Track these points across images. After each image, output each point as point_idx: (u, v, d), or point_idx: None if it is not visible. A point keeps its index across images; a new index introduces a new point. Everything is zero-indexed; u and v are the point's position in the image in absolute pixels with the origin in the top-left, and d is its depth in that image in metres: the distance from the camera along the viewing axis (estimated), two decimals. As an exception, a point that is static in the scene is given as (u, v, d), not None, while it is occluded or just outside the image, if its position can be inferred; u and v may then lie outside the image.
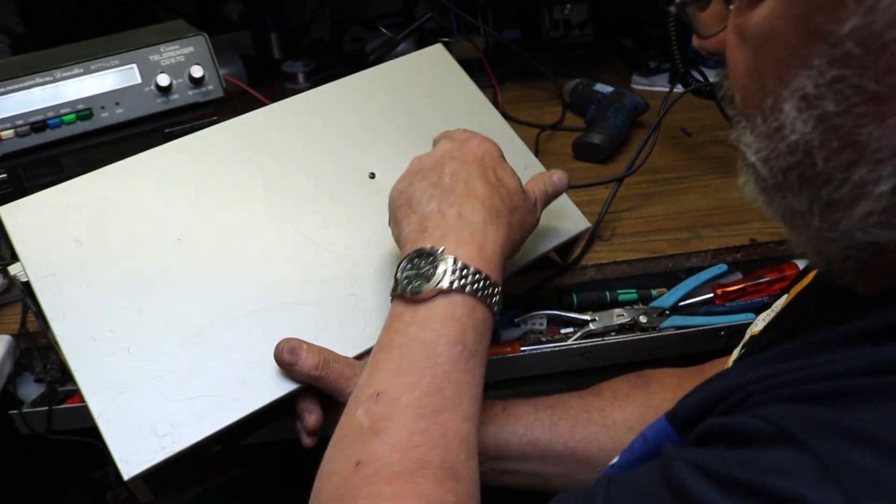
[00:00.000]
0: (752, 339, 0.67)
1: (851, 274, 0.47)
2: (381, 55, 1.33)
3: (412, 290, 0.61)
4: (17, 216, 0.71)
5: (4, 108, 0.91)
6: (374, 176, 0.80)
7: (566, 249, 0.89)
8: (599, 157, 1.12)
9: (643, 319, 0.93)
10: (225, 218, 0.74)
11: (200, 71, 0.99)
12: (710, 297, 0.95)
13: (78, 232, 0.71)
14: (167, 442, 0.62)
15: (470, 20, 1.32)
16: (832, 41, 0.38)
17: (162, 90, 0.97)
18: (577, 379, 0.96)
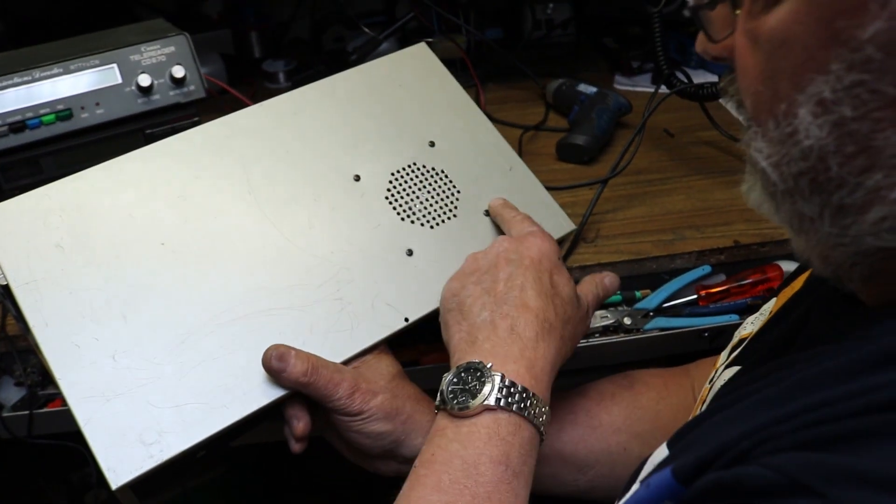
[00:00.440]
0: (741, 342, 0.67)
1: (858, 280, 0.47)
2: (363, 55, 1.32)
3: (458, 405, 0.60)
4: None
5: (-19, 108, 0.90)
6: (358, 178, 0.79)
7: (551, 251, 0.89)
8: (583, 158, 1.13)
9: (627, 321, 0.93)
10: (209, 221, 0.73)
11: (182, 71, 0.98)
12: (693, 298, 0.95)
13: (59, 237, 0.70)
14: (155, 450, 0.61)
15: (452, 19, 1.31)
16: (852, 45, 0.38)
17: (143, 90, 0.96)
18: (561, 380, 0.96)
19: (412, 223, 0.78)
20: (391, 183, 0.80)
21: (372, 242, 0.75)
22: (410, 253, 0.76)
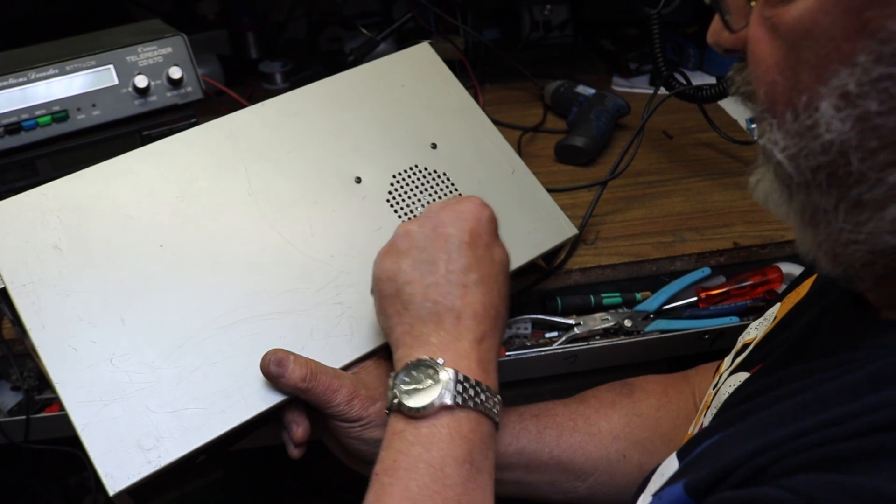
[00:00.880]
0: (745, 348, 0.67)
1: (869, 280, 0.46)
2: (360, 56, 1.31)
3: (413, 406, 0.57)
4: None
5: (-23, 109, 0.89)
6: (360, 180, 0.79)
7: (551, 254, 0.89)
8: (582, 160, 1.12)
9: (628, 323, 0.93)
10: (208, 223, 0.73)
11: (179, 72, 0.97)
12: (693, 300, 0.95)
13: (56, 238, 0.69)
14: (153, 456, 0.61)
15: (449, 20, 1.31)
16: (882, 37, 0.37)
17: (140, 91, 0.96)
18: (561, 383, 0.97)
19: (413, 226, 0.77)
20: (392, 185, 0.79)
21: (373, 245, 0.74)
22: (411, 256, 0.76)
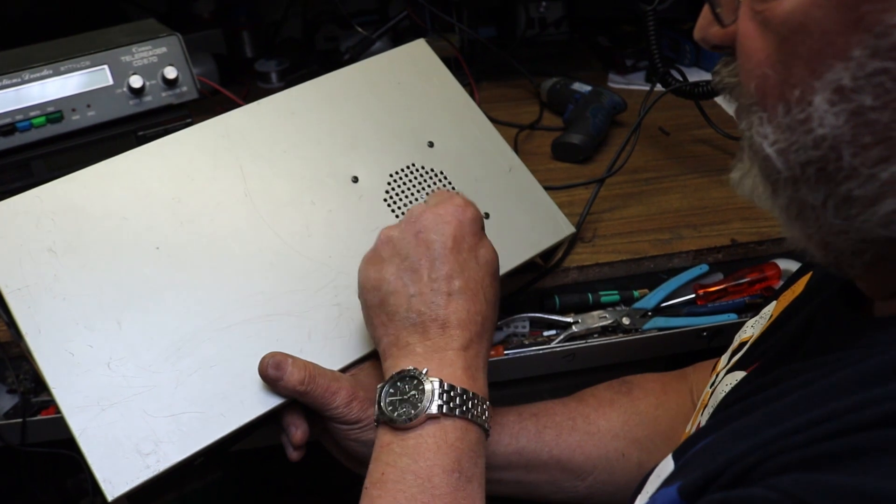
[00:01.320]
0: (742, 346, 0.67)
1: (860, 267, 0.46)
2: (356, 54, 1.31)
3: (399, 417, 0.57)
4: None
5: (-30, 111, 0.89)
6: (356, 179, 0.78)
7: (549, 252, 0.89)
8: (579, 157, 1.12)
9: (626, 321, 0.93)
10: (205, 224, 0.72)
11: (174, 72, 0.96)
12: (691, 297, 0.95)
13: (51, 241, 0.68)
14: (151, 461, 0.60)
15: (445, 18, 1.30)
16: (878, 31, 0.37)
17: (134, 92, 0.95)
18: (559, 381, 0.96)
19: (410, 225, 0.77)
20: (389, 184, 0.79)
21: (371, 246, 0.74)
22: (408, 256, 0.75)
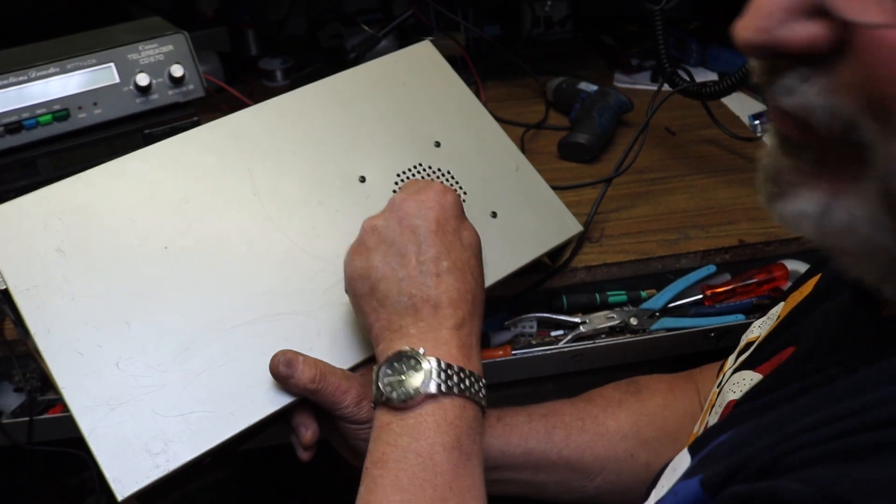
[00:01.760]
0: (749, 346, 0.66)
1: None
2: (361, 52, 1.30)
3: (398, 397, 0.58)
4: None
5: (-23, 109, 0.88)
6: (364, 179, 0.78)
7: (556, 252, 0.89)
8: (585, 157, 1.12)
9: (633, 321, 0.93)
10: (213, 224, 0.72)
11: (181, 70, 0.96)
12: (699, 298, 0.95)
13: (59, 240, 0.68)
14: (161, 460, 0.60)
15: (450, 16, 1.30)
16: None
17: (141, 90, 0.95)
18: (567, 381, 0.96)
19: (418, 225, 0.77)
20: (397, 184, 0.78)
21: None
22: (417, 255, 0.75)
